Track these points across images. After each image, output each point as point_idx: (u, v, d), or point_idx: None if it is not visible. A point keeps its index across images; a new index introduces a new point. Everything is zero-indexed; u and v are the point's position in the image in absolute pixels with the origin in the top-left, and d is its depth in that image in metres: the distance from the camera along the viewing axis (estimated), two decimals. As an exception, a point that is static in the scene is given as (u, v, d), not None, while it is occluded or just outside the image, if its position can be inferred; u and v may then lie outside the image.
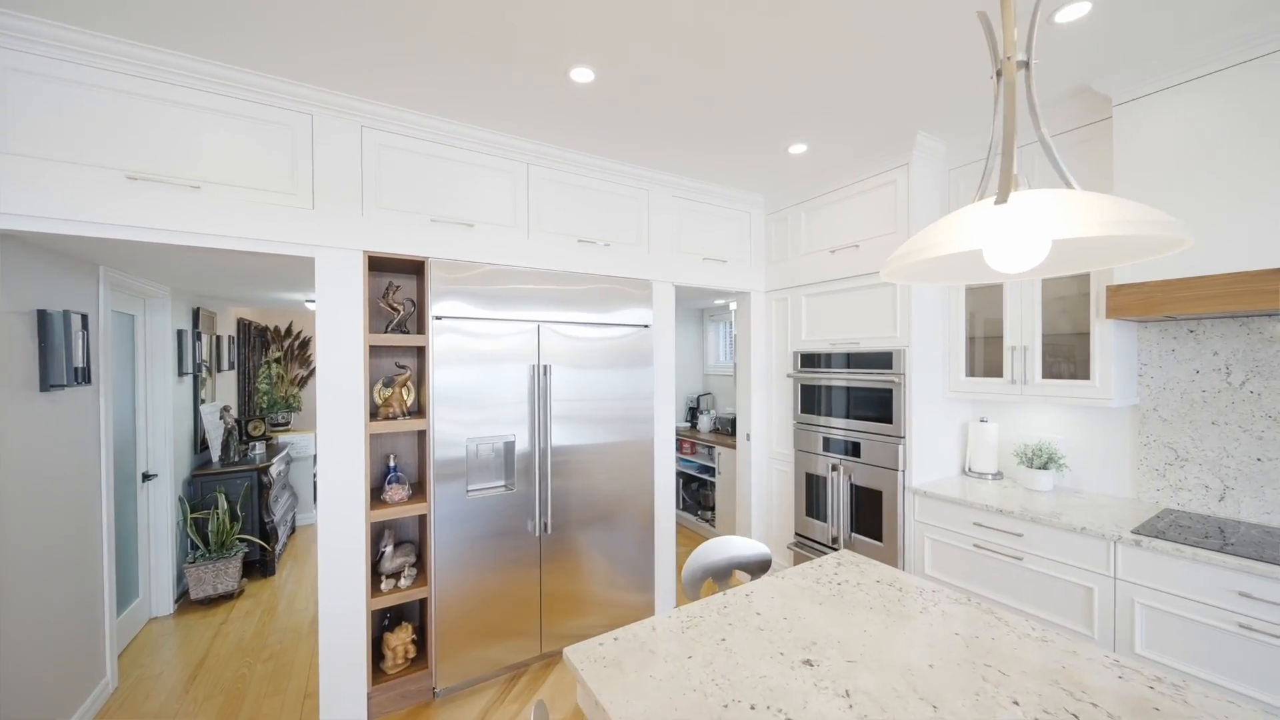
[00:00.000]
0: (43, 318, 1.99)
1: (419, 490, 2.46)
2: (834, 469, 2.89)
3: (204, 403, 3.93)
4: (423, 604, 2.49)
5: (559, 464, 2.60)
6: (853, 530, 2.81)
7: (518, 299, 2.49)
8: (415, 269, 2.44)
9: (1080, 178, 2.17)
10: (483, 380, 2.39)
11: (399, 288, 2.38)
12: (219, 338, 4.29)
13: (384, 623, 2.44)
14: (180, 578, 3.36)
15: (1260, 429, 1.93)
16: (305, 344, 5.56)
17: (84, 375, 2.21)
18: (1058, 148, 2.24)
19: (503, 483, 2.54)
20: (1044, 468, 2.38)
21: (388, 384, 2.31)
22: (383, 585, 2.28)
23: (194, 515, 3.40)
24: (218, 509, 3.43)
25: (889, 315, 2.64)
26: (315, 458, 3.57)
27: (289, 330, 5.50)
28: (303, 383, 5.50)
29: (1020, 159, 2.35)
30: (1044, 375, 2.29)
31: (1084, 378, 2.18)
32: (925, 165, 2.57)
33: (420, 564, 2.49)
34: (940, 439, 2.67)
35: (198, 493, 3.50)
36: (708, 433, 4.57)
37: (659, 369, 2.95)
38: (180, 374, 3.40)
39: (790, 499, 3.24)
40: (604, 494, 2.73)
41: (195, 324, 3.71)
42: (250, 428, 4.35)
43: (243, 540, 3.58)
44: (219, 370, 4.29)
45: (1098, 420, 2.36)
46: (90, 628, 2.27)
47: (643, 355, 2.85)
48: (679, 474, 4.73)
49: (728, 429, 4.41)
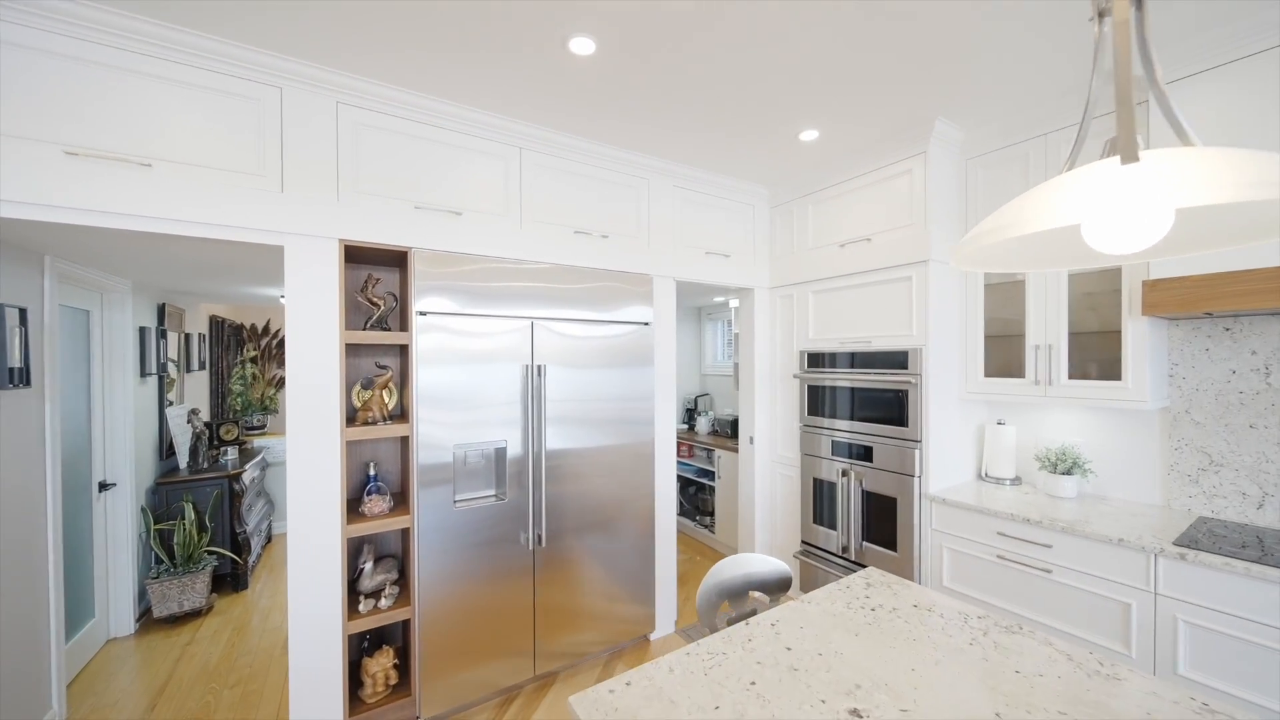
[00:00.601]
0: (-29, 311, 1.77)
1: (401, 501, 2.27)
2: (844, 474, 2.75)
3: (170, 405, 3.68)
4: (405, 625, 2.30)
5: (554, 469, 2.42)
6: (864, 539, 2.67)
7: (510, 294, 2.31)
8: (397, 260, 2.25)
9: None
10: (472, 381, 2.20)
11: (379, 281, 2.18)
12: (188, 336, 4.04)
13: (363, 646, 2.24)
14: (143, 595, 3.12)
15: (1303, 433, 1.82)
16: (283, 343, 5.30)
17: (23, 376, 1.98)
18: (1093, 134, 2.11)
19: (493, 492, 2.36)
20: (1068, 473, 2.26)
21: (367, 386, 2.11)
22: (361, 606, 2.08)
23: (158, 527, 3.15)
24: (184, 519, 3.19)
25: (904, 312, 2.50)
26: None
27: (266, 328, 5.24)
28: (280, 384, 5.24)
29: (1047, 145, 2.23)
30: (1070, 376, 2.17)
31: (1114, 378, 2.06)
32: (942, 154, 2.44)
33: (403, 580, 2.30)
34: (955, 442, 2.54)
35: (162, 502, 3.26)
36: (706, 435, 4.42)
37: (660, 369, 2.78)
38: (143, 375, 3.16)
39: (796, 505, 3.09)
40: (602, 500, 2.56)
41: (160, 321, 3.46)
42: (222, 431, 4.09)
43: (212, 553, 3.34)
44: (188, 370, 4.03)
45: (1124, 423, 2.24)
46: (33, 654, 2.04)
47: (643, 354, 2.68)
48: (676, 478, 4.57)
49: (727, 431, 4.26)
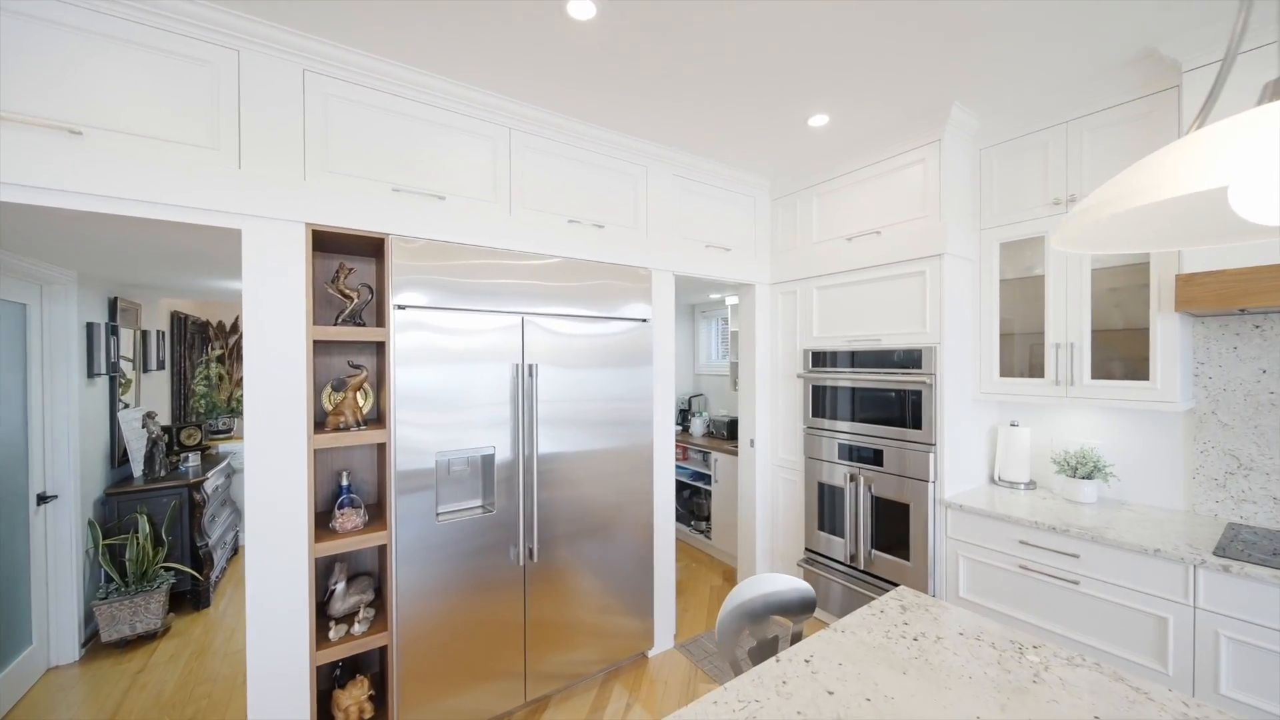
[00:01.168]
0: None
1: (378, 514, 2.06)
2: (852, 479, 2.62)
3: (125, 408, 3.39)
4: (383, 651, 2.09)
5: (546, 476, 2.24)
6: (873, 547, 2.54)
7: (498, 286, 2.11)
8: (373, 249, 2.04)
9: (1141, 155, 1.94)
10: (456, 382, 2.01)
11: (352, 271, 1.97)
12: (145, 333, 3.74)
13: (334, 675, 2.02)
14: (90, 617, 2.84)
15: (1340, 435, 1.73)
16: (253, 341, 4.99)
17: (-65, 377, 1.73)
18: (1108, 123, 2.02)
19: (480, 503, 2.16)
20: (1088, 477, 2.15)
21: (338, 387, 1.90)
22: (332, 632, 1.87)
23: (108, 542, 2.88)
24: (138, 533, 2.92)
25: (916, 309, 2.37)
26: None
27: (234, 325, 4.93)
28: (250, 384, 4.92)
29: (1069, 133, 2.12)
30: (1093, 376, 2.06)
31: (1141, 378, 1.95)
32: (957, 143, 2.32)
33: (380, 601, 2.09)
34: (967, 445, 2.42)
35: (113, 514, 2.98)
36: (700, 437, 4.26)
37: (658, 368, 2.62)
38: (91, 375, 2.88)
39: (799, 511, 2.96)
40: (597, 507, 2.38)
41: (112, 316, 3.17)
42: (184, 436, 3.80)
43: (169, 569, 3.07)
44: (145, 370, 3.73)
45: (1145, 425, 2.15)
46: (-51, 697, 1.79)
47: (641, 353, 2.51)
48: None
49: (723, 432, 4.11)
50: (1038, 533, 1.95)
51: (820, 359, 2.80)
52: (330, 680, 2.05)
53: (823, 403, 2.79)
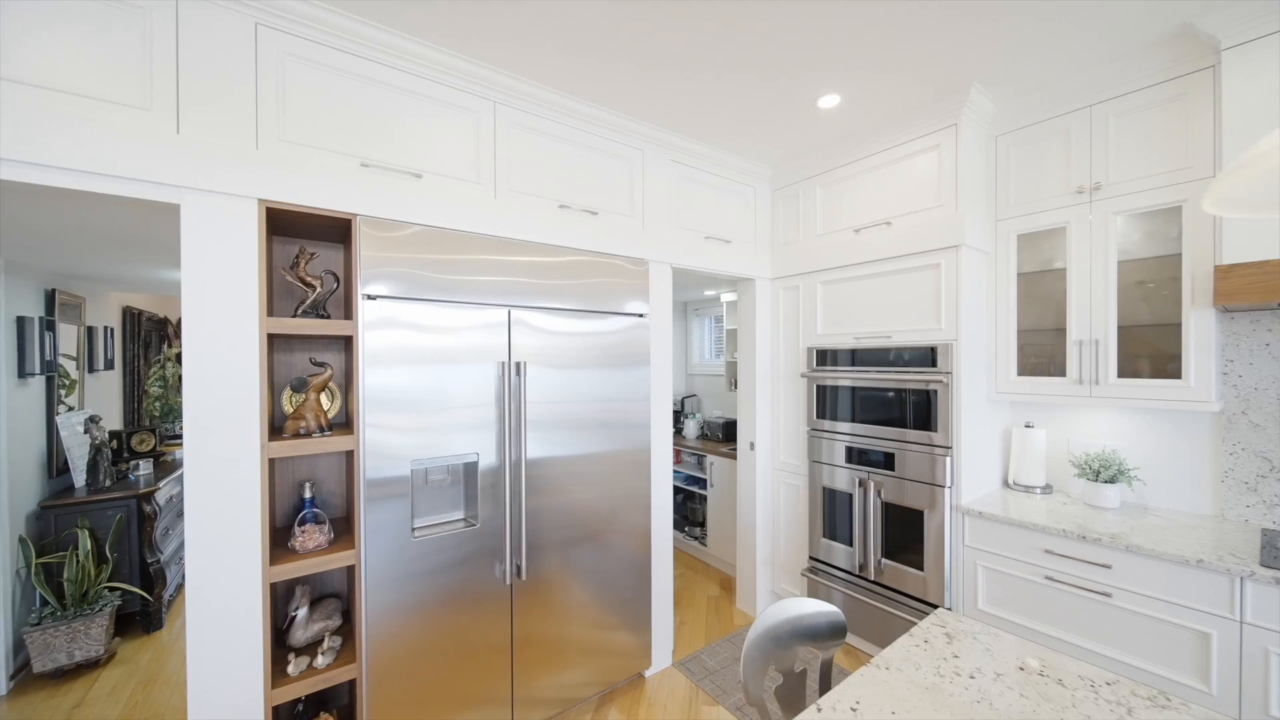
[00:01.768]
0: None
1: (346, 530, 1.84)
2: (860, 484, 2.48)
3: (68, 411, 3.08)
4: (352, 683, 1.87)
5: (535, 483, 2.04)
6: (884, 555, 2.40)
7: (482, 277, 1.91)
8: (340, 232, 1.82)
9: (1173, 140, 1.83)
10: (434, 382, 1.80)
11: (315, 256, 1.75)
12: (91, 329, 3.42)
13: (296, 712, 1.80)
14: (21, 645, 2.54)
15: (1382, 436, 1.64)
16: (216, 339, 4.66)
17: None
18: (1135, 106, 1.90)
19: (461, 515, 1.96)
20: (1111, 481, 2.04)
21: (299, 388, 1.67)
22: (291, 666, 1.64)
23: (42, 560, 2.58)
24: (77, 550, 2.63)
25: (930, 303, 2.24)
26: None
27: (195, 322, 4.59)
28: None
29: (1092, 118, 2.00)
30: (1119, 374, 1.95)
31: (1172, 376, 1.84)
32: (972, 128, 2.19)
33: (349, 626, 1.87)
34: (981, 448, 2.30)
35: (50, 529, 2.68)
36: (694, 439, 4.10)
37: (656, 367, 2.44)
38: (22, 375, 2.58)
39: (802, 517, 2.81)
40: (590, 515, 2.19)
41: (49, 310, 2.87)
42: (135, 442, 3.49)
43: (114, 589, 2.78)
44: (91, 370, 3.42)
45: (1170, 425, 2.04)
46: None
47: (638, 351, 2.33)
48: (662, 485, 4.23)
49: (718, 434, 3.95)
50: (1066, 541, 1.82)
51: (825, 357, 2.66)
52: (292, 719, 1.82)
53: (828, 403, 2.64)
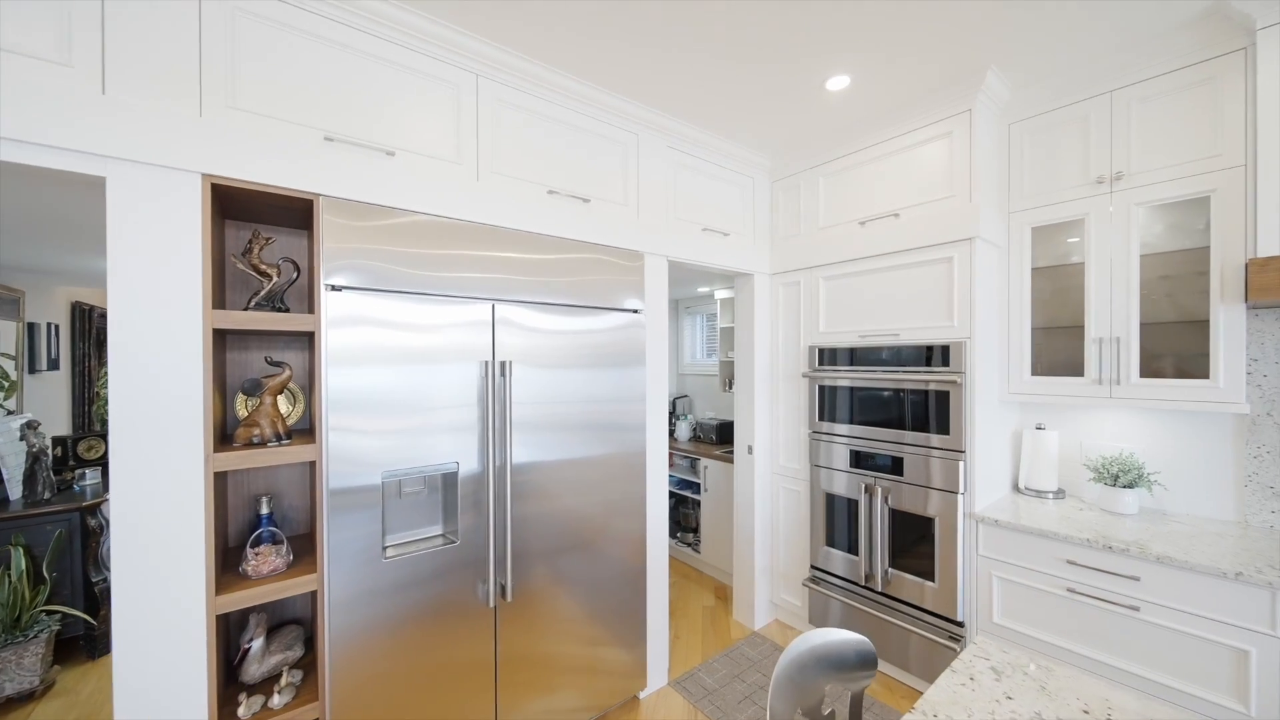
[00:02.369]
0: None
1: (309, 550, 1.64)
2: (866, 490, 2.35)
3: (6, 415, 2.80)
4: (314, 720, 1.67)
5: (522, 489, 1.86)
6: (891, 565, 2.28)
7: (464, 270, 1.73)
8: (301, 216, 1.62)
9: (1201, 127, 1.73)
10: (408, 383, 1.61)
11: (271, 241, 1.55)
12: (32, 326, 3.14)
13: (250, 756, 1.59)
14: (-60, 678, 2.27)
15: None
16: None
17: None
18: (1160, 91, 1.81)
19: (439, 530, 1.77)
20: (1130, 486, 1.95)
21: (252, 391, 1.48)
22: (243, 708, 1.44)
23: (-32, 582, 2.31)
24: (9, 570, 2.37)
25: (942, 299, 2.12)
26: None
27: (154, 319, 4.29)
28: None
29: (1113, 104, 1.90)
30: (1141, 374, 1.85)
31: (1198, 376, 1.75)
32: (986, 115, 2.08)
33: (312, 655, 1.67)
34: (993, 451, 2.19)
35: (-22, 548, 2.42)
36: (687, 441, 3.95)
37: (651, 366, 2.28)
38: (-56, 376, 2.31)
39: (803, 525, 2.68)
40: (582, 525, 2.02)
41: (-21, 304, 2.59)
42: (83, 449, 3.21)
43: (53, 612, 2.52)
44: (33, 371, 3.13)
45: (1190, 427, 1.95)
46: None
47: (633, 349, 2.17)
48: (653, 489, 4.08)
49: (711, 437, 3.82)
50: (1091, 552, 1.72)
51: (827, 357, 2.53)
52: (244, 763, 1.61)
53: (830, 405, 2.51)
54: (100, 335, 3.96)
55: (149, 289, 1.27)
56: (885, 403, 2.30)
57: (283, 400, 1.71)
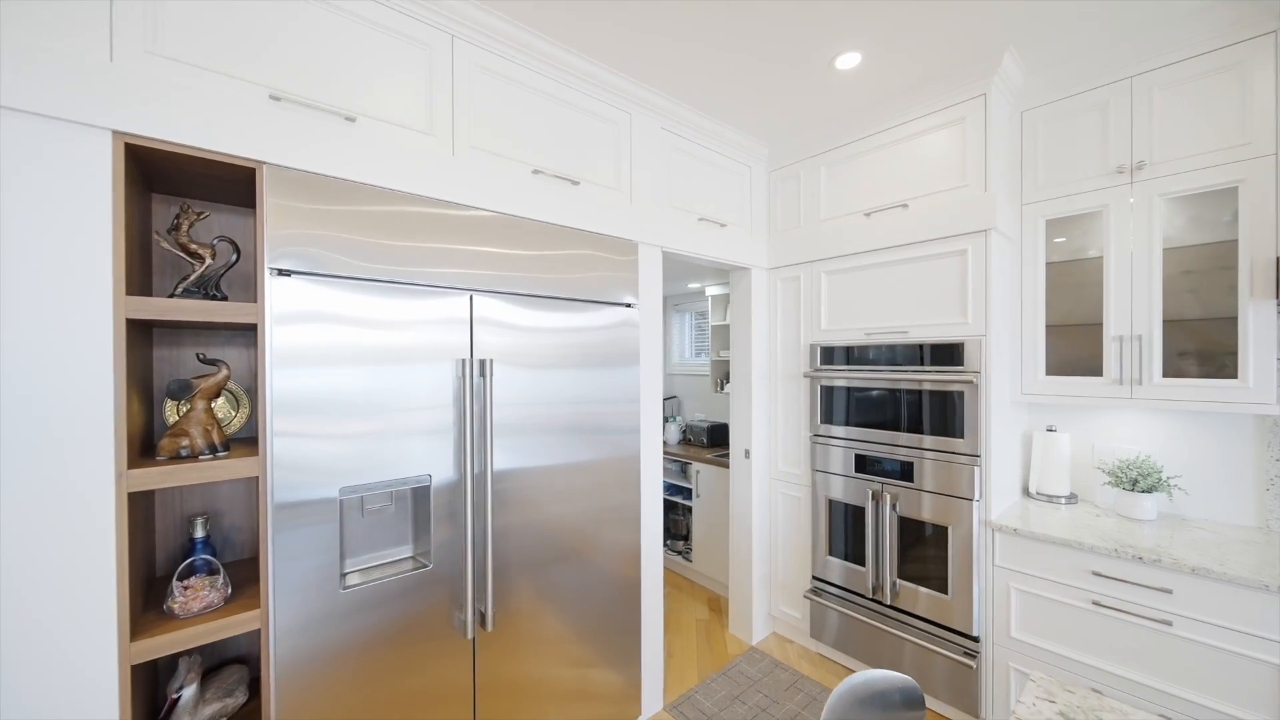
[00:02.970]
0: None
1: (252, 579, 1.41)
2: (874, 497, 2.22)
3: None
4: (259, 778, 1.43)
5: (504, 497, 1.66)
6: (899, 576, 2.15)
7: (438, 255, 1.52)
8: (243, 188, 1.39)
9: (1227, 114, 1.65)
10: (371, 384, 1.39)
11: (204, 216, 1.32)
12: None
13: (179, 825, 1.35)
14: None
15: None
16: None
17: None
18: (1184, 77, 1.72)
19: (409, 553, 1.56)
20: (1149, 490, 1.86)
21: (179, 394, 1.24)
22: (167, 774, 1.20)
23: None
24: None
25: (955, 295, 2.01)
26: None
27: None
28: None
29: (1134, 90, 1.81)
30: (1164, 373, 1.76)
31: (1226, 375, 1.66)
32: (1000, 100, 1.97)
33: (257, 699, 1.44)
34: (1005, 454, 2.08)
35: None
36: (676, 444, 3.79)
37: (646, 363, 2.10)
38: None
39: (804, 533, 2.54)
40: (571, 536, 1.83)
41: None
42: None
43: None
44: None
45: (1205, 429, 1.88)
46: None
47: (626, 347, 1.99)
48: (641, 495, 3.90)
49: (702, 440, 3.66)
50: (1119, 563, 1.61)
51: (830, 356, 2.39)
52: (173, 833, 1.36)
53: (833, 406, 2.38)
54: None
55: (38, 269, 1.03)
56: (893, 404, 2.17)
57: (223, 404, 1.47)
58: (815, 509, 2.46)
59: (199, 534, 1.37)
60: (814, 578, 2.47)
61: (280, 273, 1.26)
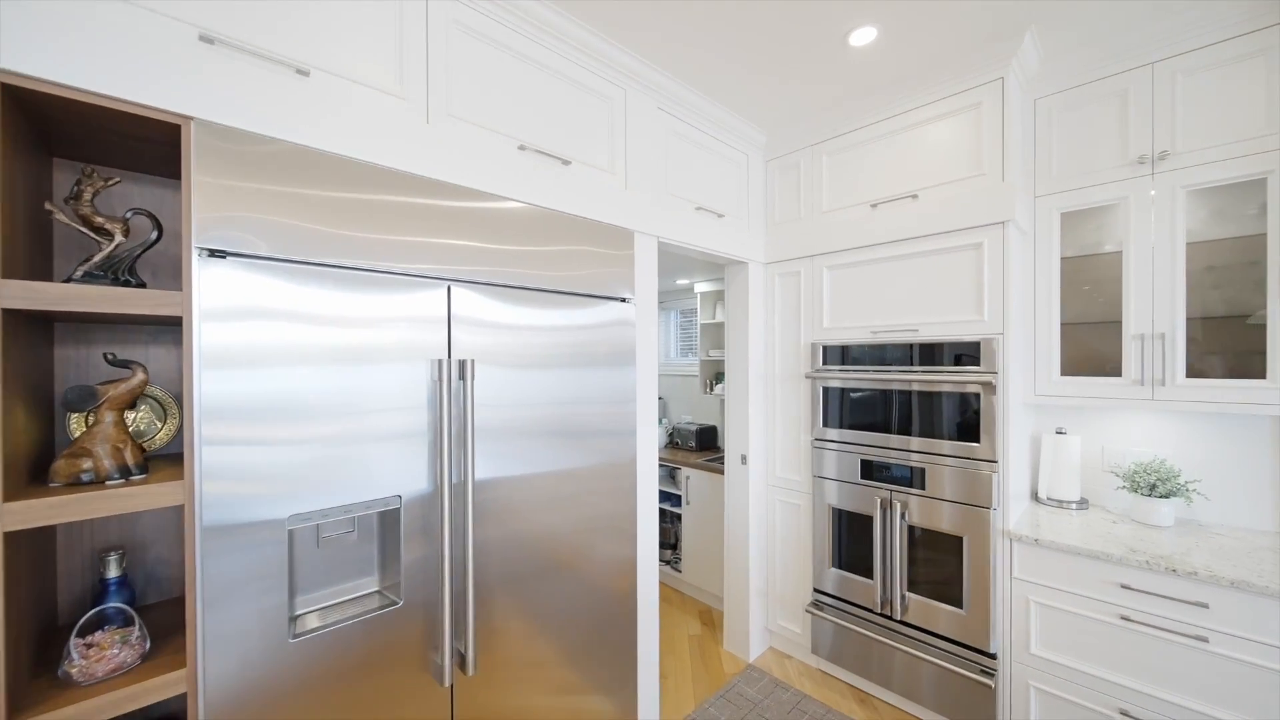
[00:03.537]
0: None
1: (178, 630, 1.16)
2: (883, 505, 2.10)
3: None
4: None
5: (486, 508, 1.45)
6: (908, 589, 2.04)
7: (410, 235, 1.31)
8: (163, 150, 1.14)
9: (1255, 103, 1.57)
10: (326, 387, 1.17)
11: (112, 183, 1.07)
12: None
13: None
14: None
15: None
16: None
17: None
18: (1209, 63, 1.64)
19: (375, 587, 1.34)
20: (1167, 495, 1.79)
21: (80, 403, 0.99)
22: None
23: None
24: None
25: (971, 291, 1.90)
26: None
27: None
28: None
29: (1155, 77, 1.73)
30: (1187, 373, 1.69)
31: (1254, 375, 1.59)
32: (1017, 85, 1.87)
33: (188, 772, 1.19)
34: (1016, 459, 1.99)
35: None
36: (663, 448, 3.62)
37: (642, 362, 1.92)
38: None
39: (804, 543, 2.40)
40: (561, 550, 1.64)
41: None
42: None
43: None
44: None
45: (1221, 431, 1.82)
46: None
47: (623, 345, 1.81)
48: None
49: (690, 443, 3.50)
50: (1151, 575, 1.52)
51: (833, 355, 2.27)
52: None
53: (837, 409, 2.25)
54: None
55: (-127, 241, 0.78)
56: (902, 407, 2.05)
57: (144, 415, 1.22)
58: (816, 518, 2.32)
59: (112, 574, 1.12)
60: (815, 590, 2.34)
61: (212, 254, 1.02)
